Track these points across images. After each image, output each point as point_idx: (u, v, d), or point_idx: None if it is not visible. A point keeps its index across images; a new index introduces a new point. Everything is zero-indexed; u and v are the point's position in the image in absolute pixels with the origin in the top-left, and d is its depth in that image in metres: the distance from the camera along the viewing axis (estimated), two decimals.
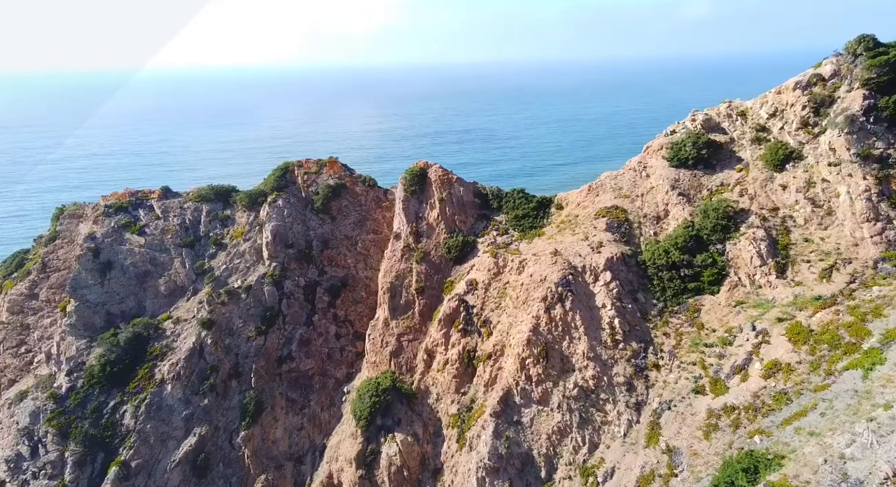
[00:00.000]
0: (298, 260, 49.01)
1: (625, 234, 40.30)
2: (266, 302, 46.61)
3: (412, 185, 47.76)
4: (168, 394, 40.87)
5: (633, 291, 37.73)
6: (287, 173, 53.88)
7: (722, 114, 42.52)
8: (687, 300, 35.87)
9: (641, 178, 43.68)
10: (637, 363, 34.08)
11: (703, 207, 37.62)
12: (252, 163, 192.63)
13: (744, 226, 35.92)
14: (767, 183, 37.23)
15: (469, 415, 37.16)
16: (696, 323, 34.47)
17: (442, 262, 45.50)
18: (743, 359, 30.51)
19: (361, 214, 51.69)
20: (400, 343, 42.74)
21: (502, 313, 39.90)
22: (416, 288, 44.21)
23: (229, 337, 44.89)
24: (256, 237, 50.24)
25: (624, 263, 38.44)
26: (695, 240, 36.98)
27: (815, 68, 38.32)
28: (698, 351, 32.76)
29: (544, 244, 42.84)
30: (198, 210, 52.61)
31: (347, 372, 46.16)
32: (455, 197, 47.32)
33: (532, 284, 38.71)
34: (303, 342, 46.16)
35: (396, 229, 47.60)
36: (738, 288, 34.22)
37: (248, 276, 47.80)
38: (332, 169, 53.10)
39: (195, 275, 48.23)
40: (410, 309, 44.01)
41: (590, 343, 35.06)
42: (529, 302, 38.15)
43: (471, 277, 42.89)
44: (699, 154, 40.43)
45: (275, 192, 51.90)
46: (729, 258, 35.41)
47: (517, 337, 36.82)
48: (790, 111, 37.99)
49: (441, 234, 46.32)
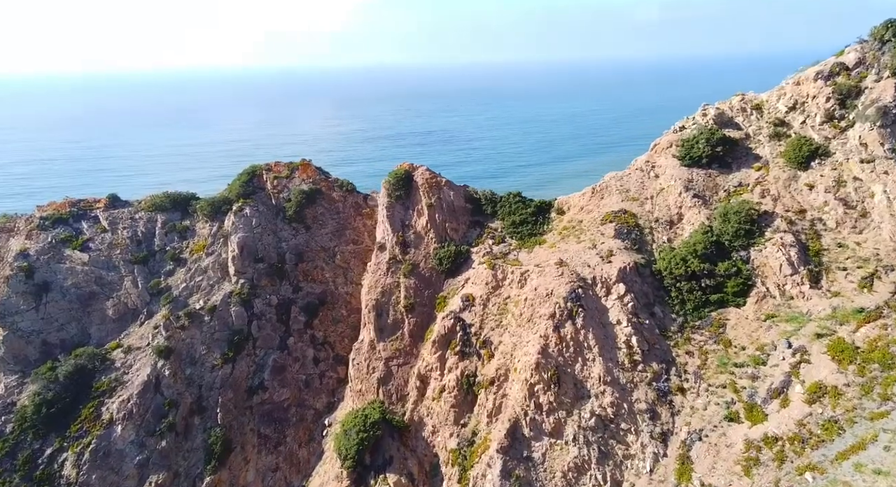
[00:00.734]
0: (270, 275, 44.97)
1: (636, 241, 37.81)
2: (233, 325, 42.43)
3: (397, 190, 44.36)
4: (118, 437, 36.32)
5: (649, 305, 35.18)
6: (254, 178, 49.76)
7: (735, 109, 40.54)
8: (710, 314, 33.51)
9: (650, 179, 41.33)
10: (659, 387, 31.46)
11: (723, 210, 35.38)
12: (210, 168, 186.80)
13: (769, 230, 33.79)
14: (791, 182, 35.24)
15: (471, 451, 33.90)
16: (722, 339, 32.07)
17: (433, 275, 42.20)
18: (780, 381, 28.19)
19: (340, 222, 47.95)
20: (388, 368, 39.22)
21: (504, 332, 36.85)
22: (404, 305, 40.79)
23: (191, 367, 40.54)
24: (221, 250, 45.94)
25: (638, 274, 35.89)
26: (715, 246, 34.70)
27: (836, 57, 36.64)
28: (727, 371, 30.35)
29: (546, 253, 40.03)
30: (151, 221, 47.98)
31: (328, 401, 42.34)
32: (445, 202, 44.12)
33: (537, 299, 35.77)
34: (276, 369, 42.13)
35: (380, 239, 44.08)
36: (766, 300, 31.99)
37: (212, 296, 43.50)
38: (305, 172, 49.22)
39: (149, 296, 43.66)
40: (399, 330, 40.55)
41: (606, 365, 32.30)
42: (535, 320, 35.19)
43: (466, 292, 39.73)
44: (713, 151, 38.30)
45: (241, 199, 47.75)
46: (755, 266, 33.20)
47: (524, 359, 33.78)
48: (812, 104, 36.14)
49: (431, 244, 43.03)
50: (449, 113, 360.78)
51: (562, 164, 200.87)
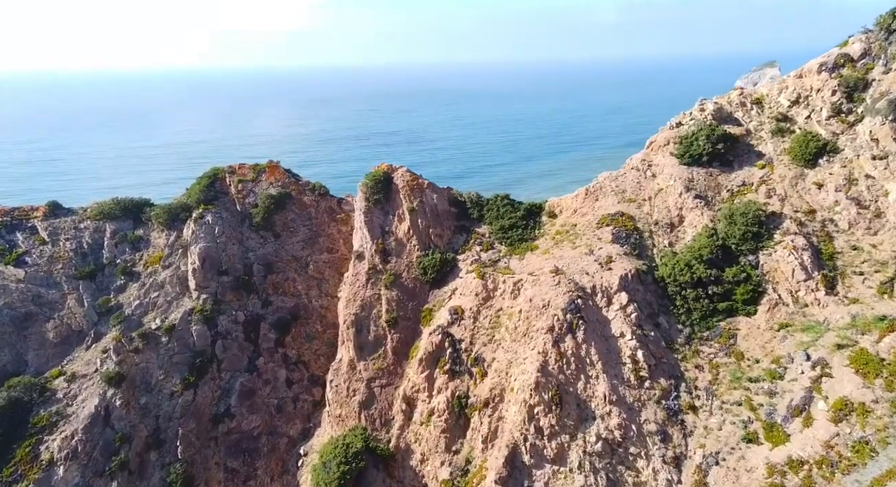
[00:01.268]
0: (235, 289, 41.55)
1: (635, 246, 36.00)
2: (194, 346, 38.88)
3: (375, 193, 41.53)
4: (60, 480, 32.49)
5: (653, 315, 33.36)
6: (216, 181, 46.16)
7: (734, 103, 39.22)
8: (718, 323, 31.89)
9: (647, 179, 39.64)
10: (669, 405, 29.58)
11: (728, 211, 33.85)
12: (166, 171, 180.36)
13: (778, 232, 32.38)
14: (798, 181, 33.96)
15: (465, 481, 31.41)
16: (733, 351, 30.42)
17: (417, 286, 39.54)
18: (801, 398, 26.61)
19: (312, 229, 44.81)
20: (371, 390, 36.38)
21: (497, 348, 34.50)
22: (386, 319, 38.04)
23: (146, 395, 36.84)
24: (179, 263, 42.24)
25: (640, 281, 34.06)
26: (721, 250, 33.08)
27: (840, 47, 35.61)
28: (742, 387, 28.69)
29: (540, 260, 37.88)
30: (99, 230, 43.88)
31: (303, 427, 39.19)
32: (428, 206, 41.51)
33: (533, 311, 33.53)
34: (244, 393, 38.77)
35: (358, 247, 41.16)
36: (779, 308, 30.49)
37: (170, 313, 39.81)
38: (272, 175, 45.87)
39: (97, 316, 39.68)
40: (381, 347, 37.77)
41: (610, 382, 30.26)
42: (532, 334, 32.94)
43: (454, 304, 37.23)
44: (714, 149, 36.83)
45: (202, 206, 44.13)
46: (765, 271, 31.73)
47: (521, 378, 31.47)
48: (817, 97, 34.99)
49: (414, 252, 40.36)
50: (412, 113, 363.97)
51: (527, 164, 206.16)
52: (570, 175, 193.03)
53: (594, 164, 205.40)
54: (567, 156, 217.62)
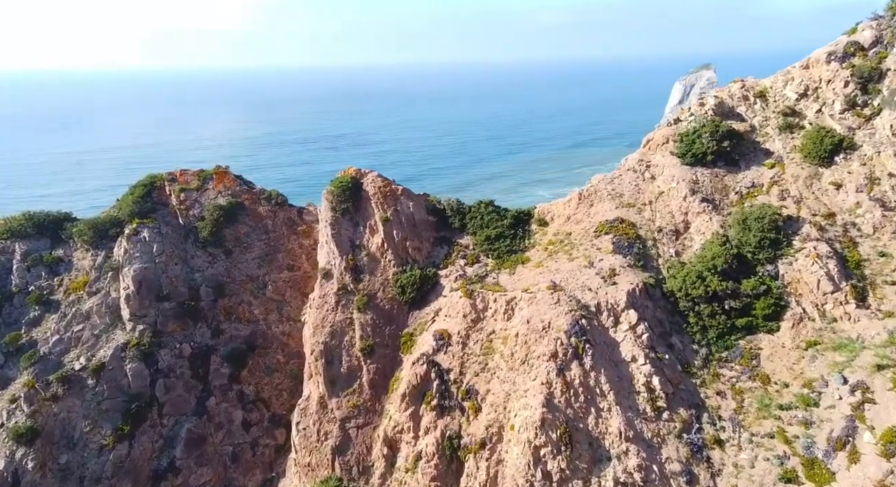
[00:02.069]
0: (179, 317, 36.44)
1: (639, 256, 33.19)
2: (130, 388, 33.61)
3: (342, 202, 37.23)
4: None
5: (665, 335, 30.55)
6: (154, 191, 40.75)
7: (736, 97, 37.08)
8: (737, 342, 29.42)
9: (645, 181, 36.99)
10: (691, 439, 26.73)
11: (741, 216, 31.46)
12: (98, 178, 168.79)
13: (797, 238, 30.14)
14: (813, 181, 31.92)
15: None
16: (757, 374, 27.88)
17: (394, 307, 35.51)
18: (843, 428, 24.20)
19: (270, 244, 39.99)
20: (345, 432, 32.08)
21: (492, 378, 30.88)
22: (361, 347, 33.88)
23: (67, 452, 31.28)
24: (109, 288, 36.64)
25: (648, 297, 31.16)
26: (736, 260, 30.44)
27: (848, 35, 33.93)
28: (772, 416, 26.17)
29: (533, 274, 34.56)
30: (7, 251, 37.75)
31: (264, 478, 34.49)
32: (403, 215, 37.52)
33: (531, 334, 30.11)
34: (192, 441, 33.72)
35: (325, 264, 36.71)
36: (804, 324, 28.18)
37: (99, 350, 34.30)
38: (221, 182, 40.75)
39: (3, 357, 33.70)
40: (356, 380, 33.55)
41: (625, 415, 27.17)
42: (532, 362, 29.52)
43: (439, 327, 33.42)
44: (719, 147, 34.53)
45: (136, 219, 38.72)
46: (786, 283, 29.42)
47: (523, 415, 27.93)
48: (828, 89, 33.11)
49: (389, 268, 36.27)
50: (359, 116, 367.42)
51: (477, 166, 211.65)
52: (522, 176, 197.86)
53: (544, 165, 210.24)
54: (517, 158, 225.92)
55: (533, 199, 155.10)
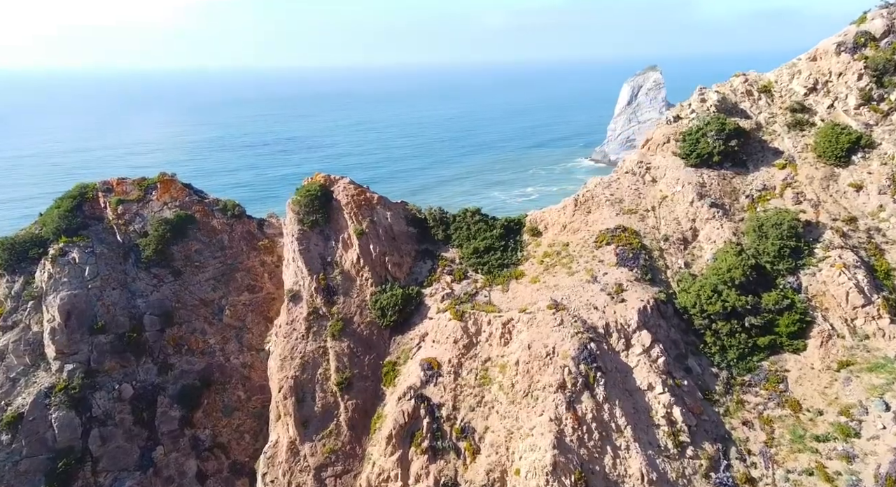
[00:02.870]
0: (118, 352, 31.80)
1: (646, 269, 30.48)
2: (56, 442, 28.86)
3: (310, 213, 33.21)
4: None
5: (681, 357, 27.92)
6: (85, 203, 35.82)
7: (738, 92, 34.97)
8: (761, 363, 27.10)
9: (646, 185, 34.44)
10: (721, 479, 24.19)
11: (756, 222, 29.24)
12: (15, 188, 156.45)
13: (819, 246, 28.01)
14: (829, 182, 29.94)
15: None
16: (787, 400, 25.55)
17: (374, 333, 31.82)
18: (891, 462, 22.06)
19: (226, 263, 35.56)
20: (321, 482, 28.29)
21: (490, 413, 27.65)
22: (337, 381, 30.10)
23: None
24: (30, 321, 31.61)
25: (661, 314, 28.38)
26: (754, 271, 28.03)
27: (857, 24, 32.15)
28: (808, 449, 23.81)
29: (530, 291, 31.53)
30: None
31: None
32: (381, 226, 33.79)
33: (534, 362, 27.02)
34: None
35: (292, 285, 32.64)
36: (834, 342, 26.01)
37: (16, 397, 29.34)
38: (167, 192, 36.01)
39: None
40: (332, 420, 29.76)
41: (645, 453, 24.39)
42: (536, 394, 26.47)
43: (427, 355, 29.98)
44: (726, 146, 32.22)
45: (64, 238, 33.76)
46: (810, 296, 27.16)
47: (530, 458, 24.80)
48: (839, 83, 31.28)
49: (367, 288, 32.54)
50: (310, 118, 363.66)
51: (434, 169, 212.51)
52: (478, 178, 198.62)
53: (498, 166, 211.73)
54: (472, 160, 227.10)
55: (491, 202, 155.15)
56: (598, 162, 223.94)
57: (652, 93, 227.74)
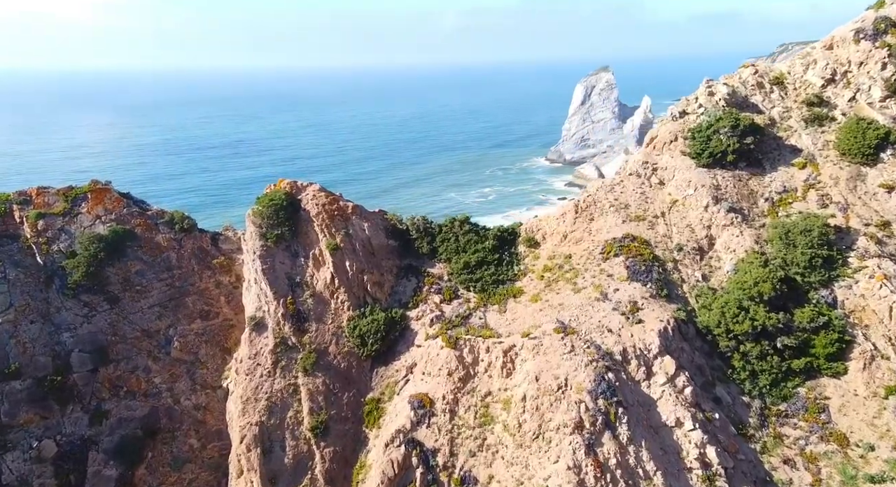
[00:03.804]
0: (37, 400, 26.80)
1: (661, 284, 27.44)
2: None
3: (275, 226, 28.88)
4: None
5: (707, 385, 25.05)
6: None
7: (749, 84, 32.52)
8: (797, 390, 24.56)
9: (653, 188, 31.55)
10: None
11: (782, 229, 26.66)
12: None
13: (853, 255, 25.66)
14: (857, 183, 27.66)
15: None
16: (831, 433, 22.96)
17: (352, 365, 27.80)
18: None
19: (174, 285, 30.77)
20: None
21: (494, 459, 24.14)
22: (311, 425, 26.03)
23: None
24: None
25: (682, 336, 25.39)
26: (784, 284, 25.34)
27: (875, 10, 30.08)
28: None
29: (531, 311, 28.17)
30: None
31: None
32: (357, 240, 29.74)
33: (544, 397, 23.74)
34: None
35: (255, 311, 28.33)
36: (878, 364, 23.61)
37: None
38: (100, 204, 30.93)
39: None
40: (306, 473, 25.68)
41: None
42: (548, 436, 23.14)
43: (417, 390, 26.23)
44: (742, 145, 29.50)
45: None
46: (848, 311, 24.58)
47: None
48: (861, 73, 29.14)
49: (343, 312, 28.47)
50: (255, 119, 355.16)
51: (394, 171, 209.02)
52: (441, 179, 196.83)
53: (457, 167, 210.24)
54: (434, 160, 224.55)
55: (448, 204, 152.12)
56: (553, 162, 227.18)
57: (604, 94, 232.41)
